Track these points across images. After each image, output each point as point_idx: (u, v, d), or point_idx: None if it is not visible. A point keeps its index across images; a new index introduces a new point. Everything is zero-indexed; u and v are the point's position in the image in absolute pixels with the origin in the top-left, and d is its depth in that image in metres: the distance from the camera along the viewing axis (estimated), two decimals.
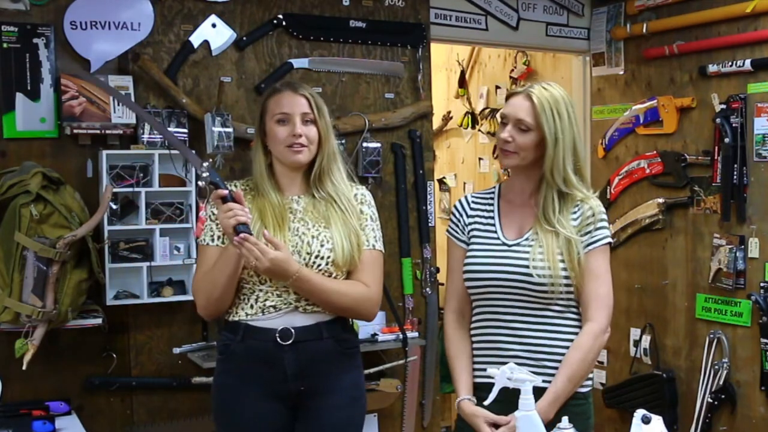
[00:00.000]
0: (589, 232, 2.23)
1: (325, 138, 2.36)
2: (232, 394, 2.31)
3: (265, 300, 2.29)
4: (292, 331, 2.27)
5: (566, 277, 2.20)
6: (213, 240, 2.34)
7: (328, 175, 2.36)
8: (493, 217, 2.32)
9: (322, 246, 2.29)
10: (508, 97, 2.30)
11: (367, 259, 2.37)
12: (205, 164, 2.23)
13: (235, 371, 2.32)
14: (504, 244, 2.26)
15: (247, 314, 2.29)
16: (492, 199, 2.36)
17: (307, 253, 2.28)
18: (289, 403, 2.31)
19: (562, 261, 2.19)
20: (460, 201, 2.41)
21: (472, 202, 2.38)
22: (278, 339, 2.26)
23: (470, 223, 2.34)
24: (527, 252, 2.21)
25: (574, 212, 2.24)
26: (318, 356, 2.30)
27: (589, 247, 2.22)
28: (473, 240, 2.32)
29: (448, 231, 2.40)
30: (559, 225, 2.20)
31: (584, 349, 2.20)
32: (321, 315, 2.31)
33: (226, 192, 2.17)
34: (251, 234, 2.15)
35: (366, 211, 2.40)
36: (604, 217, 2.27)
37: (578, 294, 2.24)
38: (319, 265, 2.28)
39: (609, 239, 2.26)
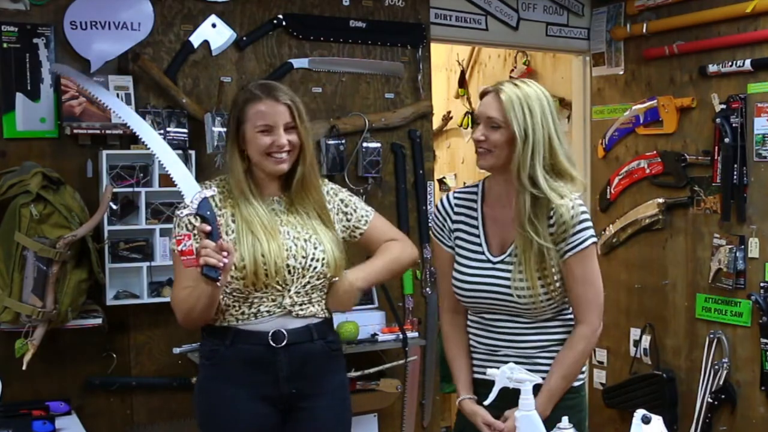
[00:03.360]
0: (565, 239, 2.17)
1: (306, 145, 2.29)
2: (222, 399, 2.27)
3: (260, 305, 2.23)
4: (285, 333, 2.23)
5: (546, 293, 2.18)
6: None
7: (310, 185, 2.30)
8: (477, 227, 2.29)
9: (315, 248, 2.26)
10: (480, 96, 2.27)
11: (379, 224, 2.44)
12: (207, 192, 2.14)
13: (224, 376, 2.26)
14: (489, 260, 2.25)
15: (237, 319, 2.24)
16: (475, 202, 2.32)
17: (303, 257, 2.24)
18: (280, 406, 2.28)
19: (540, 278, 2.17)
20: (441, 202, 2.37)
21: (455, 204, 2.34)
22: (270, 342, 2.23)
23: (455, 230, 2.31)
24: (510, 271, 2.20)
25: (550, 217, 2.18)
26: (309, 358, 2.27)
27: (569, 254, 2.17)
28: (460, 252, 2.29)
29: (432, 232, 2.38)
30: (533, 233, 2.15)
31: (577, 350, 2.21)
32: (312, 318, 2.29)
33: (209, 229, 2.08)
34: (217, 278, 2.07)
35: (344, 196, 2.41)
36: (583, 218, 2.18)
37: (567, 295, 2.23)
38: (315, 268, 2.25)
39: (591, 239, 2.18)
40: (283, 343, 2.23)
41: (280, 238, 2.24)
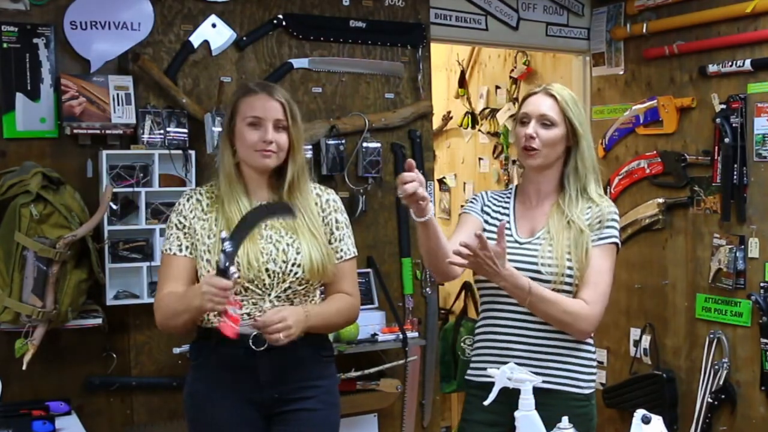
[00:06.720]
0: (596, 230, 2.25)
1: (297, 146, 2.28)
2: (205, 402, 2.26)
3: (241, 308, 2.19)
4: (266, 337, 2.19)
5: (570, 276, 2.21)
6: (181, 250, 2.25)
7: (298, 188, 2.29)
8: (508, 214, 2.34)
9: (298, 254, 2.23)
10: (525, 98, 2.32)
11: (348, 268, 2.35)
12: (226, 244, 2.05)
13: (208, 378, 2.26)
14: (516, 241, 2.29)
15: (219, 320, 2.19)
16: (508, 199, 2.38)
17: (283, 262, 2.22)
18: (263, 411, 2.25)
19: (569, 259, 2.21)
20: (479, 193, 2.44)
21: (491, 197, 2.41)
22: (251, 345, 2.20)
23: (486, 212, 2.35)
24: (537, 249, 2.23)
25: (587, 213, 2.27)
26: (293, 363, 2.24)
27: (593, 244, 2.24)
28: (489, 236, 2.31)
29: (466, 210, 2.40)
30: (575, 217, 2.23)
31: (567, 306, 2.18)
32: None
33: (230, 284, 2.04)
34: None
35: (341, 219, 2.36)
36: (615, 218, 2.29)
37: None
38: (296, 273, 2.23)
39: (615, 239, 2.27)
40: (265, 347, 2.20)
41: (261, 242, 2.22)
